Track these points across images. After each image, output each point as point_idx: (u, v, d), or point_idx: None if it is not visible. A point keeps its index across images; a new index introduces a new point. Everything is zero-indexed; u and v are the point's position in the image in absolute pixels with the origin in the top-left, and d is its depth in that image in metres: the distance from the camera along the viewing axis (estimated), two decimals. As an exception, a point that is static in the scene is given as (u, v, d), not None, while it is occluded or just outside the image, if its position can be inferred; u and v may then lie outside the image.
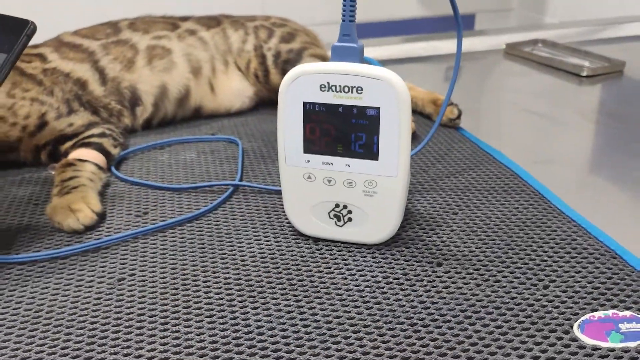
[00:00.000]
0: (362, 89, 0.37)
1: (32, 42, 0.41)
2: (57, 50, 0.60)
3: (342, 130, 0.39)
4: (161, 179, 0.52)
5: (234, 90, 0.67)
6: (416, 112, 0.63)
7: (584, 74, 0.82)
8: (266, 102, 0.69)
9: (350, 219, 0.41)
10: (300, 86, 0.39)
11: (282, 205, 0.47)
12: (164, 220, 0.45)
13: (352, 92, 0.38)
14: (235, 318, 0.34)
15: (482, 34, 1.11)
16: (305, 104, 0.39)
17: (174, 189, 0.50)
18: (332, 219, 0.41)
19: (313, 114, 0.39)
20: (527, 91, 0.75)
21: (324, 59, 0.69)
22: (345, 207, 0.40)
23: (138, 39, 0.63)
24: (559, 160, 0.54)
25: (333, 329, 0.33)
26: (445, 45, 1.02)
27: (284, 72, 0.65)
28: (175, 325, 0.34)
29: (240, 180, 0.51)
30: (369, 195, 0.39)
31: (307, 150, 0.40)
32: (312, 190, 0.41)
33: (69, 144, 0.53)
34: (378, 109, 0.37)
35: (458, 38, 0.47)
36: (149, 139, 0.61)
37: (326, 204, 0.41)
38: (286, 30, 0.70)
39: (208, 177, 0.52)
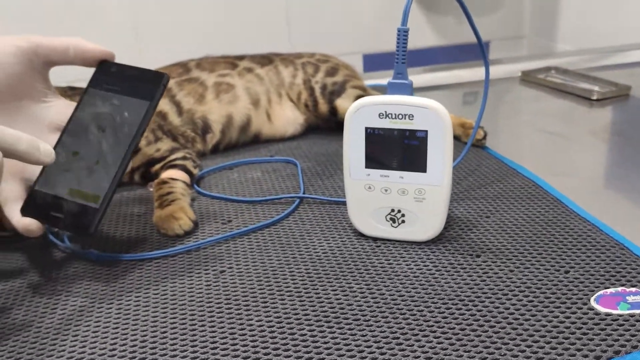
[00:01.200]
0: (413, 116, 0.47)
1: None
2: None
3: (397, 149, 0.48)
4: (236, 194, 0.62)
5: (288, 118, 0.77)
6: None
7: (594, 97, 0.91)
8: (314, 128, 0.79)
9: (403, 221, 0.50)
10: (363, 115, 0.48)
11: (342, 212, 0.56)
12: (246, 227, 0.54)
13: (405, 118, 0.47)
14: (319, 298, 0.43)
15: (499, 62, 1.21)
16: (366, 128, 0.49)
17: (249, 201, 0.60)
18: (389, 221, 0.50)
19: (373, 136, 0.49)
20: (542, 113, 0.85)
21: (363, 89, 0.79)
22: (399, 211, 0.50)
23: (206, 76, 0.74)
24: (573, 173, 0.63)
25: (398, 304, 0.42)
26: (463, 74, 1.11)
27: (330, 102, 0.76)
28: (273, 303, 0.43)
29: (304, 193, 0.61)
30: (419, 201, 0.49)
31: (367, 166, 0.49)
32: (372, 198, 0.50)
33: (158, 166, 0.63)
34: (426, 131, 0.47)
35: (485, 68, 0.57)
36: (218, 161, 0.71)
37: (383, 209, 0.50)
38: (330, 65, 0.80)
39: (275, 192, 0.62)
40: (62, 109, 0.51)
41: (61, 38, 0.50)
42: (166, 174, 0.61)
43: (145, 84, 0.49)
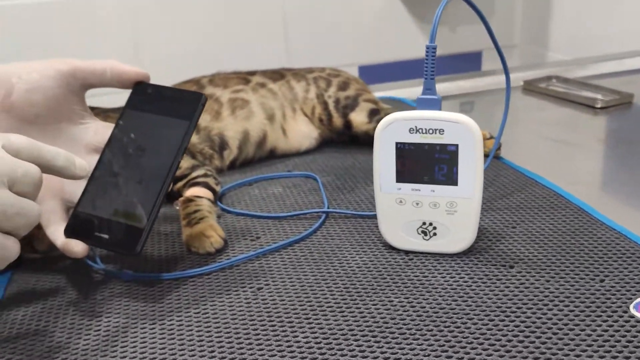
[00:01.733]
0: (443, 131, 0.48)
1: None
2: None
3: (428, 163, 0.49)
4: (260, 210, 0.62)
5: (303, 132, 0.77)
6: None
7: (598, 105, 0.93)
8: (328, 141, 0.80)
9: (435, 234, 0.51)
10: (393, 130, 0.49)
11: (368, 226, 0.57)
12: (275, 243, 0.55)
13: (435, 133, 0.48)
14: (361, 313, 0.44)
15: (494, 73, 1.22)
16: (397, 143, 0.49)
17: (275, 217, 0.60)
18: (420, 234, 0.51)
19: (404, 151, 0.49)
20: (548, 122, 0.86)
21: (375, 102, 0.80)
22: (431, 224, 0.50)
23: (220, 93, 0.74)
24: (588, 181, 0.65)
25: (441, 317, 0.43)
26: (462, 84, 1.12)
27: (344, 116, 0.77)
28: (316, 319, 0.43)
29: (328, 207, 0.61)
30: (450, 214, 0.50)
31: (398, 180, 0.50)
32: (403, 212, 0.51)
33: (180, 184, 0.63)
34: (457, 145, 0.48)
35: (507, 79, 0.58)
36: (236, 177, 0.71)
37: (415, 222, 0.51)
38: (341, 79, 0.81)
39: (298, 207, 0.62)
40: (99, 130, 0.51)
41: (98, 61, 0.50)
42: (190, 192, 0.61)
43: (183, 104, 0.49)
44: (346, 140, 0.80)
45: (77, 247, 0.47)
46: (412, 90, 1.04)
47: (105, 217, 0.47)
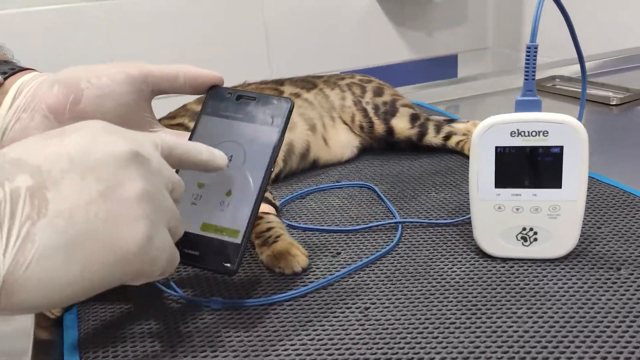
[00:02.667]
0: (547, 133, 0.46)
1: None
2: (193, 119, 0.67)
3: (530, 167, 0.47)
4: (325, 223, 0.59)
5: (343, 141, 0.75)
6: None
7: (613, 103, 0.95)
8: (367, 149, 0.77)
9: (536, 239, 0.49)
10: (493, 134, 0.47)
11: (449, 234, 0.55)
12: (361, 259, 0.52)
13: (539, 135, 0.47)
14: (489, 327, 0.42)
15: (498, 74, 1.22)
16: (497, 147, 0.47)
17: (348, 230, 0.57)
18: (519, 240, 0.49)
19: (504, 155, 0.48)
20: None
21: (411, 106, 0.78)
22: (531, 229, 0.49)
23: (259, 103, 0.71)
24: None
25: (575, 326, 0.41)
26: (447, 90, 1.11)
27: (385, 122, 0.75)
28: (444, 336, 0.41)
29: (399, 218, 0.59)
30: (553, 218, 0.48)
31: (497, 185, 0.48)
32: (502, 218, 0.49)
33: (239, 200, 0.59)
34: (561, 147, 0.46)
35: (583, 81, 0.57)
36: (284, 190, 0.68)
37: (514, 229, 0.49)
38: (374, 85, 0.79)
39: (364, 218, 0.60)
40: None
41: (170, 65, 0.46)
42: (256, 209, 0.57)
43: (269, 110, 0.46)
44: (383, 147, 0.78)
45: None
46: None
47: (193, 232, 0.43)
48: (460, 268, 0.49)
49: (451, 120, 0.81)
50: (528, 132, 0.47)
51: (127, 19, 1.46)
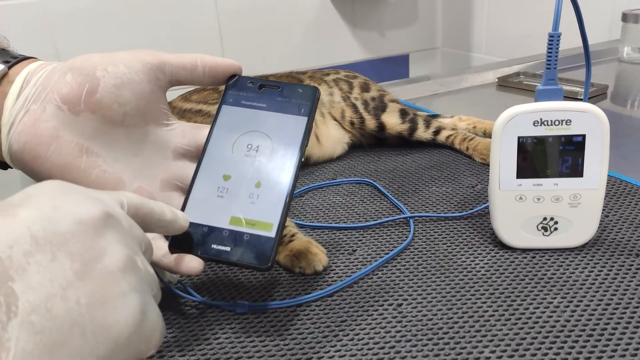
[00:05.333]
0: (570, 121, 0.46)
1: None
2: (182, 117, 0.64)
3: (551, 156, 0.47)
4: (333, 221, 0.57)
5: (335, 138, 0.73)
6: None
7: (582, 97, 0.97)
8: (356, 145, 0.76)
9: (556, 229, 0.49)
10: (516, 124, 0.47)
11: (462, 227, 0.54)
12: (378, 255, 0.51)
13: (562, 124, 0.47)
14: (529, 318, 0.41)
15: (476, 71, 1.24)
16: (519, 138, 0.47)
17: (357, 227, 0.56)
18: (540, 230, 0.49)
19: (526, 145, 0.47)
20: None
21: (398, 102, 0.77)
22: (552, 219, 0.49)
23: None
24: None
25: (614, 313, 0.41)
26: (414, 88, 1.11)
27: (376, 117, 0.74)
28: (486, 329, 0.40)
29: (408, 213, 0.58)
30: (574, 207, 0.48)
31: (519, 176, 0.48)
32: (523, 208, 0.49)
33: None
34: (584, 135, 0.47)
35: (587, 72, 0.57)
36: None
37: (535, 219, 0.49)
38: (360, 80, 0.78)
39: (372, 214, 0.58)
40: (187, 132, 0.44)
41: (187, 54, 0.43)
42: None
43: (294, 99, 0.44)
44: (373, 144, 0.77)
45: (193, 262, 0.39)
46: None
47: (221, 227, 0.41)
48: (483, 260, 0.49)
49: (434, 116, 0.81)
50: (551, 121, 0.47)
51: (77, 13, 1.39)
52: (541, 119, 0.47)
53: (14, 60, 0.41)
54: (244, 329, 0.42)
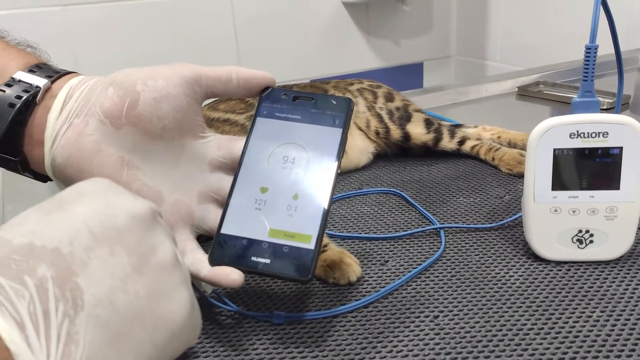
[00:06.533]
0: (607, 134, 0.46)
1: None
2: (210, 126, 0.64)
3: (588, 169, 0.47)
4: (362, 231, 0.57)
5: (360, 147, 0.73)
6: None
7: (604, 107, 0.97)
8: (381, 155, 0.76)
9: (591, 241, 0.49)
10: (552, 136, 0.47)
11: (493, 238, 0.54)
12: (410, 266, 0.50)
13: (598, 136, 0.46)
14: (569, 332, 0.41)
15: (494, 79, 1.24)
16: (555, 150, 0.47)
17: (387, 238, 0.56)
18: (575, 243, 0.49)
19: (562, 157, 0.47)
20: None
21: (422, 112, 0.77)
22: (587, 231, 0.49)
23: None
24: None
25: (635, 328, 0.41)
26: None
27: (401, 127, 0.74)
28: (525, 342, 0.40)
29: (438, 223, 0.57)
30: (610, 219, 0.48)
31: (554, 188, 0.48)
32: (558, 221, 0.48)
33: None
34: (621, 148, 0.46)
35: (619, 82, 0.57)
36: (307, 198, 0.65)
37: (570, 231, 0.49)
38: (384, 90, 0.78)
39: (401, 224, 0.58)
40: (222, 144, 0.44)
41: (222, 67, 0.43)
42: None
43: (329, 110, 0.44)
44: (397, 153, 0.77)
45: (234, 274, 0.39)
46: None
47: (260, 239, 0.41)
48: (517, 272, 0.49)
49: (458, 126, 0.81)
50: (588, 133, 0.47)
51: (95, 22, 1.40)
52: (578, 131, 0.47)
53: (57, 75, 0.42)
54: (282, 340, 0.42)
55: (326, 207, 0.41)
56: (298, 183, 0.42)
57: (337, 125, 0.44)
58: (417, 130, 0.73)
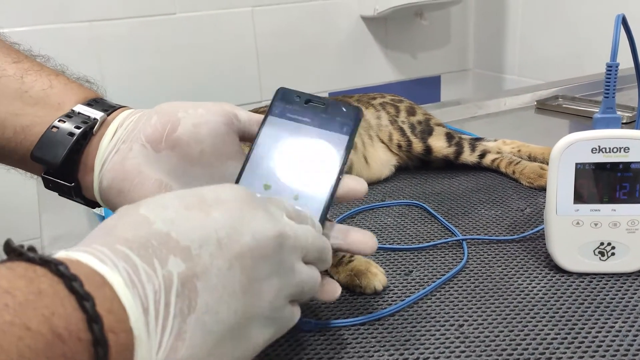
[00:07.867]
0: (629, 149, 0.48)
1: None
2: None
3: (609, 182, 0.48)
4: (386, 242, 0.59)
5: (382, 160, 0.75)
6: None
7: (624, 121, 0.98)
8: (402, 168, 0.78)
9: (613, 254, 0.50)
10: (574, 151, 0.48)
11: (516, 250, 0.55)
12: (434, 276, 0.52)
13: (620, 151, 0.48)
14: (592, 342, 0.42)
15: (513, 94, 1.25)
16: (577, 164, 0.48)
17: (413, 248, 0.57)
18: (597, 255, 0.50)
19: (583, 172, 0.48)
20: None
21: (443, 125, 0.79)
22: (609, 244, 0.50)
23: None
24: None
25: (639, 337, 0.42)
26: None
27: (423, 141, 0.75)
28: (551, 352, 0.41)
29: (461, 235, 0.59)
30: (631, 232, 0.49)
31: (576, 201, 0.49)
32: (580, 233, 0.50)
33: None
34: (642, 162, 0.48)
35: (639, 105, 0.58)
36: (332, 210, 0.67)
37: (592, 244, 0.50)
38: (406, 104, 0.80)
39: (427, 236, 0.59)
40: None
41: (257, 114, 0.45)
42: (321, 228, 0.57)
43: (338, 117, 0.45)
44: (418, 166, 0.78)
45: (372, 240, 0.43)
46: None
47: None
48: (540, 283, 0.50)
49: (479, 139, 0.82)
50: (609, 148, 0.48)
51: (121, 37, 1.44)
52: (599, 146, 0.48)
53: (112, 108, 0.45)
54: (312, 346, 0.43)
55: (324, 210, 0.42)
56: (299, 184, 0.43)
57: (344, 133, 0.45)
58: (439, 144, 0.75)
